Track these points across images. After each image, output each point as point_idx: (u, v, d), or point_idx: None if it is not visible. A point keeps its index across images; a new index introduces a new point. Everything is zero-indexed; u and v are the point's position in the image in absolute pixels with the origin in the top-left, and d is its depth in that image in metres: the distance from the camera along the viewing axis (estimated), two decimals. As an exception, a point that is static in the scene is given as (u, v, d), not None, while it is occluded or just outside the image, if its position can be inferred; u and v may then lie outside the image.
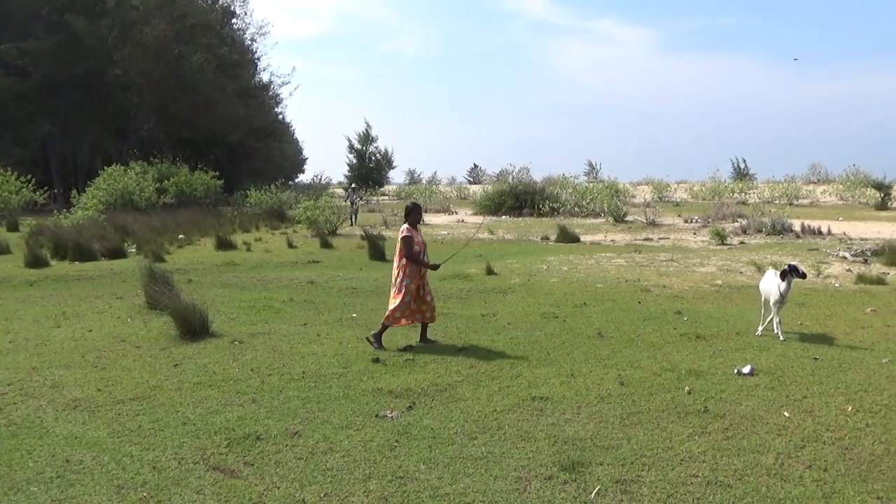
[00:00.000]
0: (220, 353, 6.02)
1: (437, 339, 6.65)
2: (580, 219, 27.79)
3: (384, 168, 63.71)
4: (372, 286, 10.36)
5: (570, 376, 5.41)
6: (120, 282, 11.05)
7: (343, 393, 4.99)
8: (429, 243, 19.20)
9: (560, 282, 10.71)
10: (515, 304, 8.80)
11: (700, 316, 7.95)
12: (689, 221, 24.79)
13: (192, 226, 22.23)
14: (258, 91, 50.96)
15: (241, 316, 7.72)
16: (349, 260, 15.10)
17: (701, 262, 13.16)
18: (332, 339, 6.59)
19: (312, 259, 14.98)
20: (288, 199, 30.79)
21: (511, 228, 24.20)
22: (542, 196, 30.37)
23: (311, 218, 21.42)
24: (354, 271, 12.40)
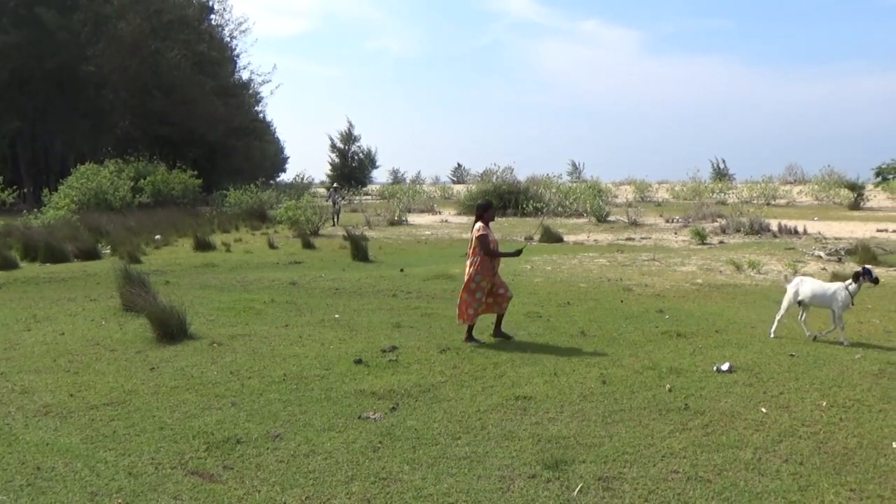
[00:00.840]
0: (198, 356, 5.97)
1: (512, 334, 6.75)
2: (563, 218, 27.96)
3: (367, 167, 63.53)
4: (355, 287, 10.35)
5: (554, 375, 5.46)
6: (94, 284, 10.90)
7: (325, 395, 4.98)
8: (411, 243, 19.31)
9: (543, 281, 10.78)
10: (499, 304, 8.83)
11: (681, 314, 8.06)
12: (670, 221, 25.07)
13: (170, 226, 22.00)
14: (238, 89, 50.51)
15: (221, 318, 7.66)
16: (332, 261, 15.05)
17: (682, 262, 13.33)
18: (315, 341, 6.57)
19: (294, 260, 14.91)
20: (269, 198, 30.57)
21: (495, 228, 24.25)
22: (526, 196, 30.49)
23: (292, 218, 21.31)
24: (337, 272, 12.37)
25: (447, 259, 15.13)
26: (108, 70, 39.30)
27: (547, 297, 9.38)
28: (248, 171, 51.12)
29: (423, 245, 18.99)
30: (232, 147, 48.04)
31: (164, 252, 16.75)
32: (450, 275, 11.38)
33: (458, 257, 15.38)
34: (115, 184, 28.73)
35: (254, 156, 54.04)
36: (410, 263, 14.12)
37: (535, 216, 28.24)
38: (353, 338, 6.75)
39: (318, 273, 12.00)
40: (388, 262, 14.69)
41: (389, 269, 12.79)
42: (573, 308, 8.51)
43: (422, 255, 16.54)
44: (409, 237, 21.19)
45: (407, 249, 17.85)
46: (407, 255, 16.60)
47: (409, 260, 15.15)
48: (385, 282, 10.79)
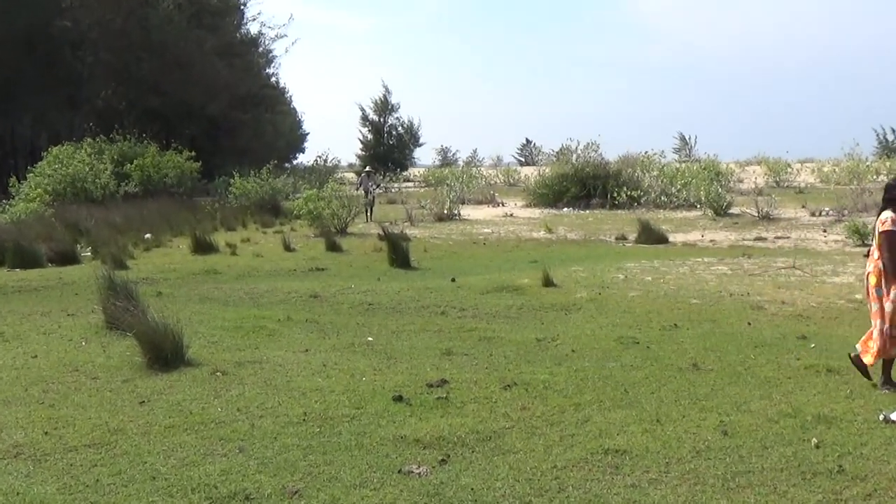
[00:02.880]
0: (198, 388, 6.17)
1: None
2: (668, 211, 27.51)
3: (408, 146, 64.31)
4: (393, 301, 10.46)
5: (656, 422, 5.38)
6: (71, 294, 11.39)
7: (356, 441, 5.06)
8: (465, 245, 19.41)
9: (641, 296, 10.65)
10: (582, 326, 8.78)
11: (832, 342, 7.81)
12: (816, 214, 24.32)
13: (162, 222, 22.81)
14: (244, 47, 51.81)
15: (225, 339, 7.89)
16: (363, 267, 15.26)
17: (834, 270, 12.91)
18: (342, 371, 6.68)
19: (316, 266, 15.21)
20: (284, 187, 31.31)
21: (575, 224, 24.10)
22: (617, 181, 30.20)
23: (313, 212, 21.75)
24: (370, 282, 12.53)
25: (513, 265, 15.09)
26: (86, 26, 40.86)
27: (646, 316, 9.26)
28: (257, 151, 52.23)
29: (480, 247, 19.04)
30: (238, 121, 49.29)
31: (156, 255, 17.38)
32: (517, 286, 11.36)
33: (526, 263, 15.33)
34: (96, 169, 29.95)
35: (265, 132, 55.27)
36: (464, 271, 14.14)
37: (630, 209, 27.90)
38: (391, 367, 6.83)
39: (347, 283, 12.20)
40: (435, 270, 14.77)
41: (437, 279, 12.86)
42: (682, 332, 8.37)
43: (479, 260, 16.57)
44: (463, 236, 21.28)
45: (460, 252, 17.93)
46: (460, 259, 16.66)
47: (462, 266, 15.20)
48: (432, 295, 10.86)
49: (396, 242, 15.74)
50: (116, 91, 45.17)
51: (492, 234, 21.66)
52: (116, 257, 15.10)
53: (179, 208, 27.08)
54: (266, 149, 53.57)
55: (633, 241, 19.38)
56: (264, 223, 24.96)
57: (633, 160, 34.68)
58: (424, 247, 18.41)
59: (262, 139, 54.50)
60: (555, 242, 19.92)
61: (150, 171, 33.66)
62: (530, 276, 12.15)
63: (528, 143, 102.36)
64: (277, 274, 14.30)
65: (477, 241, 19.96)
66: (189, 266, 15.02)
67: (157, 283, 12.45)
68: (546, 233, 21.76)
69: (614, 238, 20.33)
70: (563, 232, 22.09)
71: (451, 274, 13.33)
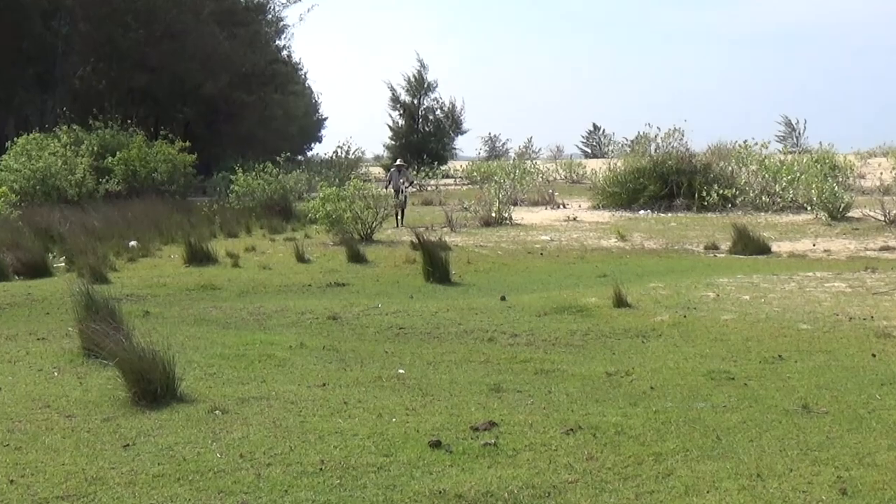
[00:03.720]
0: (192, 429, 6.24)
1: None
2: (771, 214, 27.14)
3: (448, 133, 64.51)
4: (429, 325, 10.48)
5: (757, 478, 5.31)
6: (41, 314, 11.63)
7: (384, 497, 5.07)
8: (518, 255, 19.38)
9: (737, 320, 10.52)
10: (663, 357, 8.70)
11: (982, 380, 7.61)
12: (961, 218, 23.74)
13: (150, 227, 23.22)
14: (250, 14, 52.53)
15: (226, 370, 7.99)
16: (393, 282, 15.34)
17: (983, 288, 12.59)
18: (367, 410, 6.71)
19: (335, 281, 15.34)
20: (296, 184, 31.63)
21: (654, 231, 23.93)
22: (707, 177, 29.95)
23: (331, 215, 21.94)
24: (401, 300, 12.58)
25: (576, 281, 15.02)
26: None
27: (743, 345, 9.14)
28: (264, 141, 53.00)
29: (536, 258, 19.01)
30: (241, 104, 49.89)
31: (143, 266, 17.68)
32: (581, 307, 11.31)
33: (593, 278, 15.24)
34: (71, 163, 30.57)
35: (274, 117, 55.96)
36: (517, 288, 14.11)
37: (722, 211, 27.58)
38: (426, 406, 6.84)
39: (373, 302, 12.27)
40: (480, 286, 14.78)
41: (483, 297, 12.85)
42: (787, 365, 8.25)
43: (535, 274, 16.54)
44: (515, 245, 21.27)
45: (511, 265, 17.93)
46: (511, 273, 16.65)
47: (514, 282, 15.18)
48: (477, 317, 10.87)
49: (433, 252, 15.77)
50: (96, 68, 45.90)
51: (550, 243, 21.60)
52: (95, 269, 15.37)
53: (171, 210, 27.49)
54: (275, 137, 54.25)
55: (727, 251, 19.16)
56: (273, 228, 25.25)
57: (726, 151, 34.32)
58: (468, 258, 18.45)
59: (271, 126, 55.12)
60: (629, 253, 19.79)
61: (136, 166, 34.25)
62: (598, 295, 12.07)
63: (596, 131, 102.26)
64: (288, 290, 14.43)
65: (532, 251, 19.92)
66: (182, 280, 15.24)
67: (143, 301, 12.65)
68: (618, 241, 21.62)
69: (703, 247, 20.13)
70: (639, 240, 21.93)
71: (500, 291, 13.31)
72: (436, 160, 57.72)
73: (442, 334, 10.00)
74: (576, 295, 12.39)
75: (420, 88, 63.79)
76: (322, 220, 22.40)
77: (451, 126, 64.59)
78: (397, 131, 63.50)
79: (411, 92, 63.89)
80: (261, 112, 52.70)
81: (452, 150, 67.27)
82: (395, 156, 50.62)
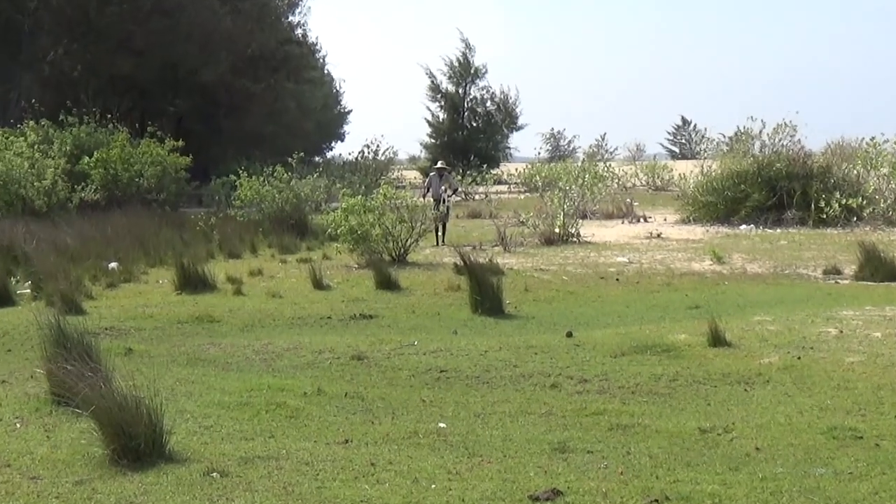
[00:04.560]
0: (184, 495, 6.26)
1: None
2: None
3: (501, 130, 64.54)
4: (477, 367, 10.45)
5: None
6: (3, 352, 11.77)
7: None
8: (588, 280, 19.27)
9: (866, 363, 10.35)
10: (771, 409, 8.59)
11: None
12: None
13: (135, 245, 23.39)
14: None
15: (225, 422, 8.01)
16: (431, 313, 15.32)
17: None
18: (400, 474, 6.70)
19: (361, 311, 15.35)
20: (314, 192, 31.67)
21: (759, 250, 23.68)
22: (825, 183, 29.58)
23: (356, 231, 21.95)
24: (442, 336, 12.57)
25: (662, 313, 14.89)
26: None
27: (873, 395, 8.99)
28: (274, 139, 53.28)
29: (611, 284, 18.89)
30: (246, 94, 50.23)
31: (126, 294, 17.83)
32: (668, 345, 11.21)
33: (682, 310, 15.08)
34: (39, 167, 30.89)
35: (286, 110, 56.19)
36: (586, 322, 14.02)
37: (848, 225, 27.22)
38: (474, 470, 6.81)
39: (407, 338, 12.25)
40: (541, 319, 14.70)
41: (545, 333, 12.79)
42: (932, 421, 8.08)
43: (609, 304, 16.43)
44: (585, 268, 21.17)
45: (579, 293, 17.84)
46: (579, 303, 16.56)
47: (583, 314, 15.09)
48: (537, 358, 10.82)
49: (483, 277, 15.73)
50: (70, 51, 46.25)
51: (629, 265, 21.46)
52: (67, 297, 15.51)
53: (160, 224, 27.67)
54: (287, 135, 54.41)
55: (852, 276, 18.87)
56: (284, 247, 25.34)
57: (850, 151, 33.95)
58: (525, 284, 18.39)
59: (282, 121, 55.27)
60: (727, 278, 19.59)
61: (118, 169, 34.53)
62: (689, 330, 11.96)
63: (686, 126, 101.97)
64: (303, 323, 14.47)
65: (606, 276, 19.80)
66: (173, 311, 15.35)
67: (126, 336, 12.74)
68: (713, 263, 21.42)
69: (821, 272, 19.85)
70: (741, 262, 21.71)
71: (565, 326, 13.24)
72: (485, 162, 57.79)
73: (493, 379, 9.95)
74: (661, 330, 12.26)
75: (465, 75, 63.85)
76: (344, 236, 22.34)
77: (504, 120, 64.54)
78: (438, 127, 63.64)
79: (455, 79, 64.01)
80: (270, 104, 52.86)
81: (506, 149, 67.31)
82: (435, 157, 50.67)
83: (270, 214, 29.22)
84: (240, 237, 26.18)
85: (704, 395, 9.27)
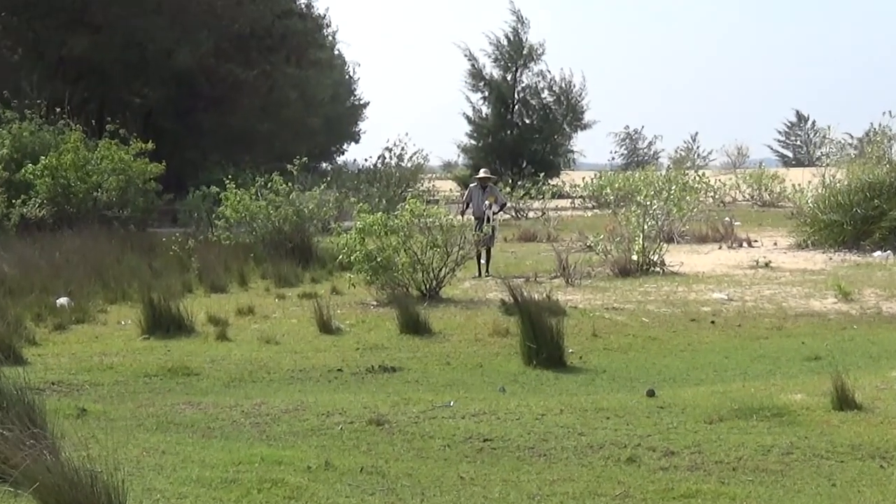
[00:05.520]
0: None
1: None
2: None
3: (561, 128, 64.38)
4: (531, 434, 10.44)
5: None
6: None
7: None
8: (674, 322, 19.18)
9: None
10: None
11: None
12: None
13: (91, 275, 23.46)
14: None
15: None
16: (472, 365, 15.33)
17: None
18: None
19: (381, 363, 15.34)
20: (320, 208, 31.60)
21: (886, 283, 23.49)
22: None
23: (375, 257, 21.95)
24: (486, 395, 12.57)
25: (772, 366, 14.83)
26: None
27: None
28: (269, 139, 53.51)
29: (705, 328, 18.80)
30: (233, 82, 50.39)
31: (79, 337, 17.90)
32: (778, 407, 11.17)
33: (798, 361, 15.01)
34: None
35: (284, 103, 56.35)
36: (673, 376, 14.00)
37: None
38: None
39: (441, 397, 12.24)
40: (614, 373, 14.68)
41: (619, 391, 12.80)
42: None
43: (703, 353, 16.36)
44: (671, 306, 21.08)
45: (663, 339, 17.77)
46: (664, 353, 16.50)
47: (669, 367, 15.06)
48: (609, 423, 10.80)
49: (538, 318, 15.70)
50: (8, 26, 46.49)
51: (728, 304, 21.35)
52: (4, 342, 15.60)
53: (122, 249, 27.78)
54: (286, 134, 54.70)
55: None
56: (282, 278, 25.32)
57: None
58: (593, 327, 18.33)
59: (280, 116, 55.47)
60: (857, 320, 19.46)
61: (70, 179, 34.61)
62: (807, 389, 11.91)
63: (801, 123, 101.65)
64: (306, 377, 14.49)
65: (698, 318, 19.70)
66: (139, 360, 15.41)
67: (79, 392, 12.80)
68: (839, 300, 21.28)
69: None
70: (874, 299, 21.56)
71: (645, 382, 13.22)
72: (542, 170, 57.41)
73: (552, 451, 9.91)
74: (770, 389, 12.19)
75: (516, 57, 63.69)
76: (360, 265, 22.30)
77: (566, 116, 64.29)
78: (480, 125, 63.49)
79: (503, 63, 63.87)
80: (264, 95, 52.97)
81: (568, 154, 67.19)
82: (477, 164, 50.68)
83: (265, 236, 29.16)
84: (225, 265, 26.19)
85: (828, 472, 9.19)
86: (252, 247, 28.69)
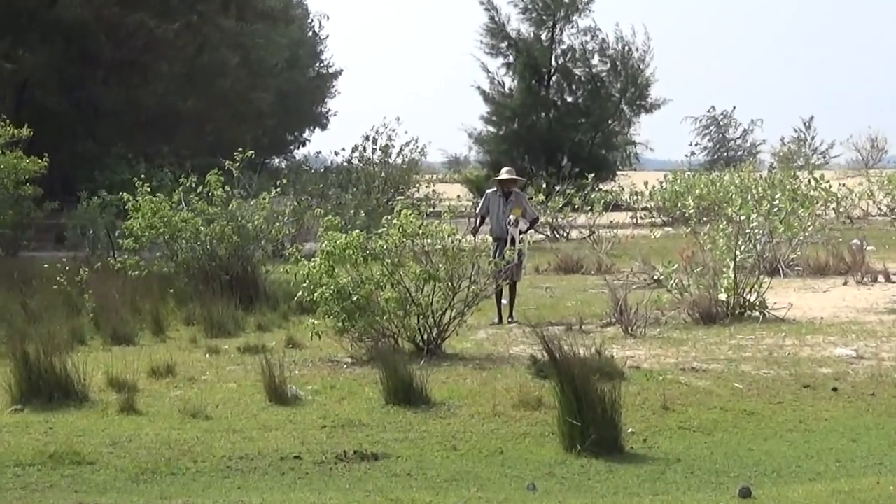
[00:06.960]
0: None
1: None
2: None
3: (618, 109, 64.37)
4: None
5: None
6: None
7: None
8: (779, 387, 19.27)
9: None
10: None
11: None
12: None
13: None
14: None
15: None
16: (488, 450, 15.42)
17: None
18: None
19: (356, 448, 15.37)
20: (270, 223, 31.63)
21: None
22: None
23: (349, 295, 21.90)
24: (508, 495, 12.67)
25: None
26: None
27: None
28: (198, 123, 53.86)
29: (821, 397, 18.89)
30: (147, 41, 50.70)
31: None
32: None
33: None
34: None
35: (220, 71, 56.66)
36: (778, 468, 14.13)
37: None
38: None
39: (443, 498, 12.36)
40: (692, 461, 14.79)
41: (700, 489, 12.92)
42: None
43: (821, 434, 16.47)
44: (773, 366, 21.19)
45: (764, 414, 17.89)
46: (764, 434, 16.62)
47: (771, 454, 15.17)
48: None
49: (585, 383, 15.76)
50: None
51: (856, 363, 21.43)
52: None
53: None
54: (223, 116, 54.94)
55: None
56: (215, 324, 25.34)
57: None
58: (664, 396, 18.38)
59: (213, 89, 55.81)
60: None
61: None
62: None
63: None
64: (249, 468, 14.54)
65: (813, 383, 19.79)
66: (7, 442, 15.46)
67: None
68: None
69: None
70: None
71: (738, 477, 13.32)
72: (591, 170, 57.66)
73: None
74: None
75: (555, 7, 63.75)
76: (327, 305, 22.27)
77: (626, 92, 64.48)
78: (502, 104, 63.65)
79: (535, 15, 64.12)
80: (191, 59, 53.25)
81: (629, 146, 67.33)
82: (497, 160, 50.86)
83: (190, 264, 29.23)
84: (133, 306, 26.29)
85: None
86: (172, 279, 28.69)
